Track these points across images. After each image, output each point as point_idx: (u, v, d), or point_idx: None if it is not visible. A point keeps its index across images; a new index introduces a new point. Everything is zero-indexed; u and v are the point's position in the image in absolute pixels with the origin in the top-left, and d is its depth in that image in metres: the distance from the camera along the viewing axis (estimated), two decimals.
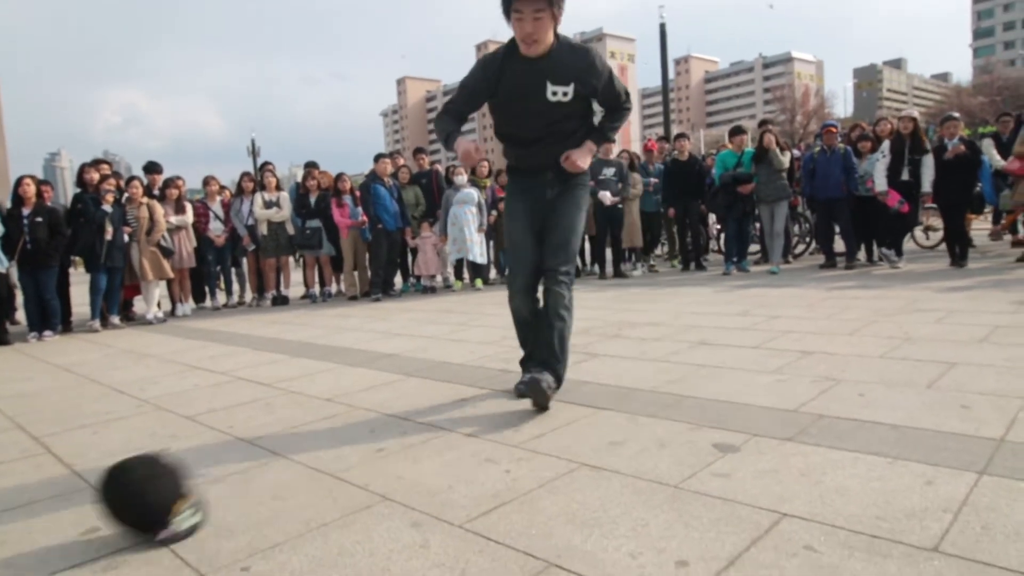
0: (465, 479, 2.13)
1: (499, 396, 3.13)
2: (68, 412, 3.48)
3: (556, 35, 2.62)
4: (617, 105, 2.82)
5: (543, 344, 2.85)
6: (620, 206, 8.55)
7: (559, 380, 2.87)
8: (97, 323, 6.98)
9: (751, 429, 2.39)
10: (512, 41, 2.67)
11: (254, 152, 32.55)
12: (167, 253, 7.57)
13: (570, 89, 2.60)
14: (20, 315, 7.89)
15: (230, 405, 3.37)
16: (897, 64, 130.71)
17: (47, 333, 6.62)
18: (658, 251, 10.70)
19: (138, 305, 8.03)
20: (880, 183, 7.26)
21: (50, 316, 6.70)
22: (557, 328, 2.82)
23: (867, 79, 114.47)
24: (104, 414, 3.37)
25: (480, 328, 5.27)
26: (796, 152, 9.43)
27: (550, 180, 2.80)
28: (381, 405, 3.12)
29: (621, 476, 2.06)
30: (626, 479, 2.03)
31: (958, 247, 6.99)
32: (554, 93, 2.58)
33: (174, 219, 7.86)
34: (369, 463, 2.35)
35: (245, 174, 8.96)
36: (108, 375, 4.45)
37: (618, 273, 8.78)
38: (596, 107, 2.82)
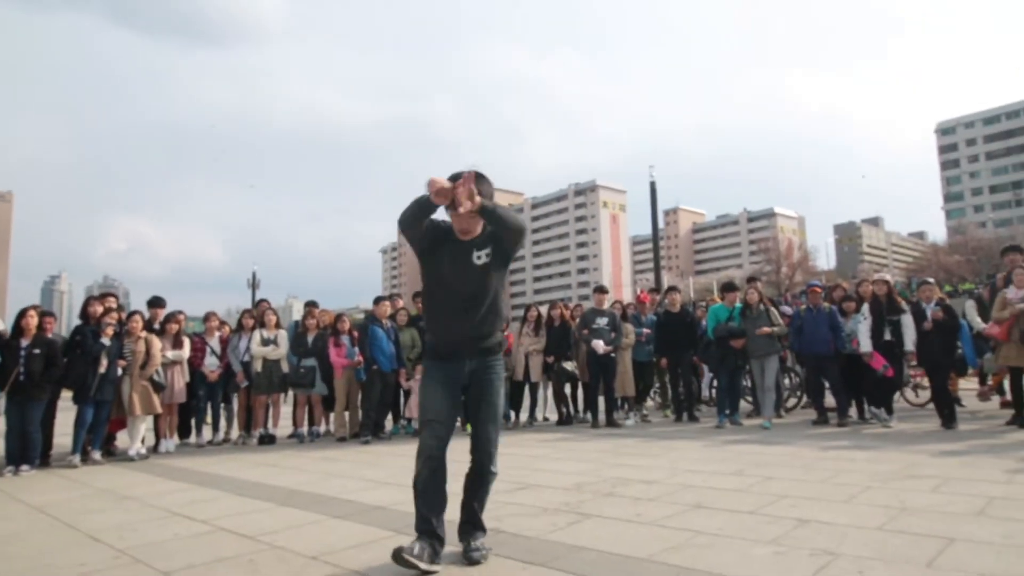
0: None
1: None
2: (41, 562, 3.34)
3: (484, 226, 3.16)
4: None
5: (478, 505, 3.16)
6: (613, 355, 8.69)
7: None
8: (77, 458, 6.79)
9: None
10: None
11: (254, 284, 33.22)
12: (158, 388, 7.53)
13: (489, 250, 3.12)
14: None
15: (211, 560, 3.24)
16: (875, 222, 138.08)
17: (24, 468, 6.40)
18: (651, 399, 10.69)
19: (121, 439, 7.85)
20: (865, 344, 7.47)
21: (30, 449, 6.51)
22: (487, 491, 3.20)
23: (847, 235, 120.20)
24: (79, 566, 3.23)
25: None
26: (787, 309, 9.67)
27: (468, 357, 3.13)
28: (369, 568, 3.02)
29: None
30: None
31: (946, 409, 7.05)
32: (478, 257, 3.11)
33: (170, 354, 7.89)
34: None
35: (246, 311, 9.14)
36: (85, 519, 4.29)
37: (610, 422, 8.72)
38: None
